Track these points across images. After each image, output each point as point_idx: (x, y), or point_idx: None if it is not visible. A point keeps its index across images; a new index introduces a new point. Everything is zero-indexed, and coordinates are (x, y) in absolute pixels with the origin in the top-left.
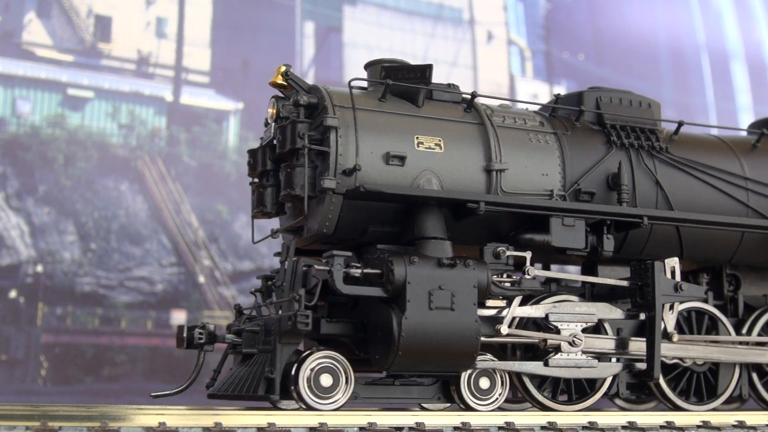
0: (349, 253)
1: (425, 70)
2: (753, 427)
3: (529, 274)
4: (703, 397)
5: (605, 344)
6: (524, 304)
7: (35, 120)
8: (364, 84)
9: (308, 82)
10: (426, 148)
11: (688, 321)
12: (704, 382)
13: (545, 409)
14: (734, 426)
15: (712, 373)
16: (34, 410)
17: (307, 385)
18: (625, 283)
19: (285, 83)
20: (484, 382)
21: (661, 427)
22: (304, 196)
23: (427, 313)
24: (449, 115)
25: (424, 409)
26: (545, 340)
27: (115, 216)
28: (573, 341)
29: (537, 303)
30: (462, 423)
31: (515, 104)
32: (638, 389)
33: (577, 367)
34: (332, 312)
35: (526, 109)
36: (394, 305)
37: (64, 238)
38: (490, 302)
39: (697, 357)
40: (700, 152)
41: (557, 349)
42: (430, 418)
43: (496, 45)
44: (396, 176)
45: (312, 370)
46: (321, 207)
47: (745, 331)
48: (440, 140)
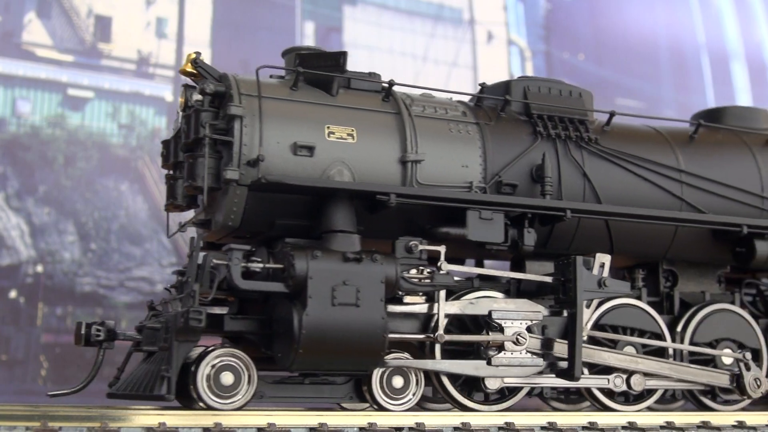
0: (248, 247)
1: (339, 58)
2: (753, 428)
3: (442, 270)
4: (635, 397)
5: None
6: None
7: (35, 120)
8: (284, 73)
9: None
10: (337, 138)
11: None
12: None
13: (464, 408)
14: (734, 426)
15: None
16: (34, 410)
17: (207, 384)
18: (548, 279)
19: (195, 71)
20: (398, 381)
21: (661, 427)
22: (204, 187)
23: (330, 310)
24: (364, 104)
25: (344, 408)
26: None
27: (115, 216)
28: (518, 340)
29: (456, 299)
30: (462, 423)
31: (441, 94)
32: (568, 389)
33: (522, 366)
34: (244, 308)
35: (450, 98)
36: (296, 301)
37: (64, 238)
38: (408, 298)
39: (620, 366)
40: (633, 144)
41: (500, 347)
42: (430, 419)
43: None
44: (305, 167)
45: (213, 367)
46: (226, 199)
47: (679, 329)
48: (353, 130)
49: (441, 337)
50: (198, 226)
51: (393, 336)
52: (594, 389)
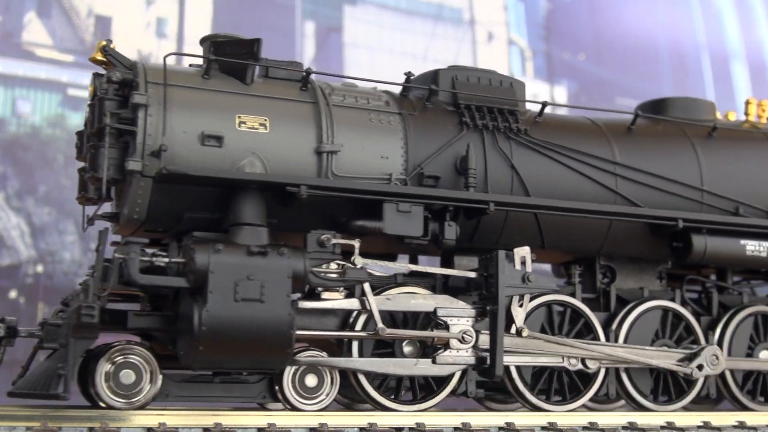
0: (146, 240)
1: (253, 45)
2: (754, 428)
3: (356, 264)
4: (567, 396)
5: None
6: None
7: (35, 120)
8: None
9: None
10: (249, 128)
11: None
12: (567, 380)
13: (384, 408)
14: (735, 426)
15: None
16: (34, 410)
17: (106, 382)
18: (472, 275)
19: (105, 60)
20: (311, 380)
21: (662, 427)
22: (103, 178)
23: (233, 306)
24: (280, 94)
25: (265, 408)
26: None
27: None
28: (463, 338)
29: (379, 295)
30: (462, 423)
31: (366, 84)
32: (497, 388)
33: (467, 364)
34: (156, 304)
35: (375, 88)
36: (197, 297)
37: (64, 238)
38: (327, 294)
39: (573, 354)
40: (566, 135)
41: (446, 345)
42: (430, 419)
43: (496, 45)
44: (213, 158)
45: (113, 364)
46: (130, 191)
47: (614, 326)
48: (266, 120)
49: (383, 330)
50: (106, 219)
51: (314, 333)
52: (522, 388)
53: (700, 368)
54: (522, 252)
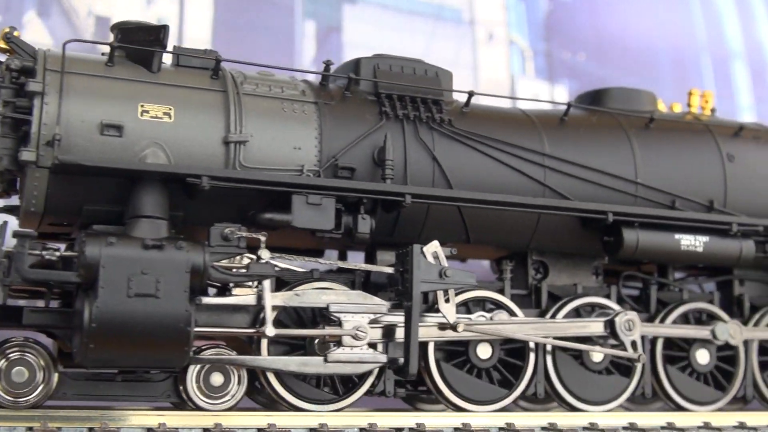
0: (34, 233)
1: (160, 32)
2: (754, 428)
3: (262, 259)
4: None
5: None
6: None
7: None
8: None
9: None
10: (152, 117)
11: None
12: (489, 379)
13: (295, 409)
14: (735, 427)
15: (504, 366)
16: (34, 411)
17: None
18: (389, 269)
19: (8, 47)
20: (217, 379)
21: (662, 428)
22: None
23: (125, 301)
24: (188, 82)
25: (176, 407)
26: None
27: None
28: (356, 335)
29: (286, 290)
30: (462, 424)
31: (284, 72)
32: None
33: (362, 363)
34: (66, 300)
35: (293, 77)
36: (89, 292)
37: None
38: (237, 290)
39: (509, 336)
40: (494, 126)
41: (339, 342)
42: (430, 419)
43: (496, 45)
44: (113, 148)
45: (7, 361)
46: (27, 183)
47: None
48: (170, 109)
49: (270, 330)
50: (6, 212)
51: (216, 330)
52: (443, 387)
53: (615, 336)
54: (432, 247)
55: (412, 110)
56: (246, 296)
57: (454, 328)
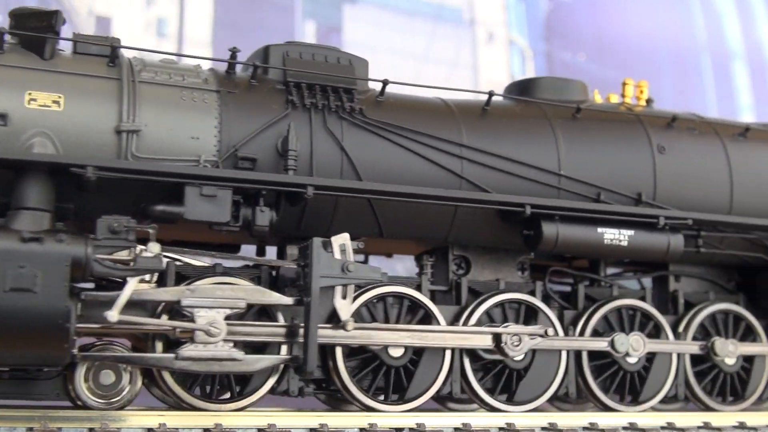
0: None
1: (52, 18)
2: (754, 428)
3: (149, 252)
4: (401, 394)
5: (262, 333)
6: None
7: None
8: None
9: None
10: (40, 105)
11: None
12: (405, 377)
13: (195, 409)
14: (735, 427)
15: (413, 365)
16: (34, 411)
17: None
18: (288, 264)
19: None
20: (107, 377)
21: (662, 428)
22: None
23: (1, 296)
24: (81, 69)
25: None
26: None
27: None
28: (209, 330)
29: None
30: (462, 424)
31: (193, 61)
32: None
33: (215, 360)
34: None
35: (198, 66)
36: None
37: None
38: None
39: (384, 344)
40: (409, 116)
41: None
42: (430, 419)
43: (496, 45)
44: None
45: None
46: None
47: (461, 322)
48: (60, 97)
49: (111, 317)
50: None
51: (85, 326)
52: (351, 385)
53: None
54: (340, 240)
55: (321, 99)
56: (116, 292)
57: (344, 327)
